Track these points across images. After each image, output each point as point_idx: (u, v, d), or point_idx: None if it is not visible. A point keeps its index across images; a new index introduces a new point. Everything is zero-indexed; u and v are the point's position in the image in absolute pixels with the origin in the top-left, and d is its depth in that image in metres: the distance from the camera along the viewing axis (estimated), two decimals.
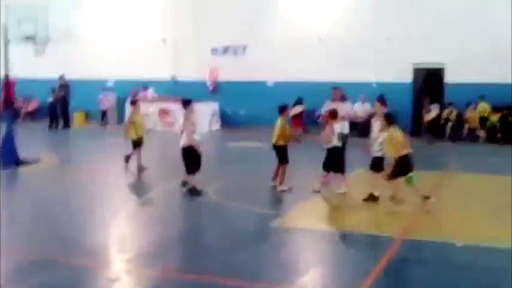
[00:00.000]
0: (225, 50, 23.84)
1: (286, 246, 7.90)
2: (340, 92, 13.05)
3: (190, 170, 10.72)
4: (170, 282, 6.44)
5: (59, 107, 23.20)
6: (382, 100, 11.05)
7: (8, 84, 15.36)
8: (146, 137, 13.58)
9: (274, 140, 11.21)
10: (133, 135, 13.37)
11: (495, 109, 18.87)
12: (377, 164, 10.26)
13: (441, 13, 19.82)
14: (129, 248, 7.67)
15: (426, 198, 9.53)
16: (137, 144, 13.37)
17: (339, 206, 9.90)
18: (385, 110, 10.70)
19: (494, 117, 18.80)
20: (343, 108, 12.11)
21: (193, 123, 11.04)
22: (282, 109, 11.55)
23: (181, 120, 11.32)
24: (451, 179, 12.83)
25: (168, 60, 24.38)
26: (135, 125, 13.46)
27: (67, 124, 23.11)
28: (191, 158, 10.71)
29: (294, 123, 17.86)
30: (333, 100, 12.68)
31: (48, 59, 24.40)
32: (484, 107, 19.03)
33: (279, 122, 11.27)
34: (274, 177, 11.24)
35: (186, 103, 11.26)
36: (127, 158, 13.56)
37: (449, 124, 19.42)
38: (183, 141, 10.78)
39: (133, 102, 14.32)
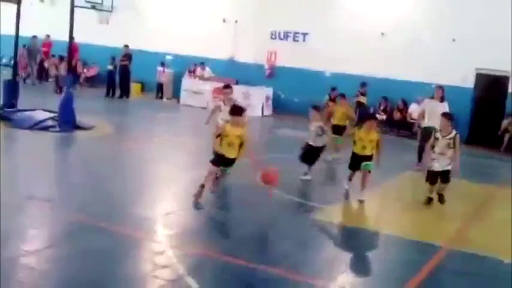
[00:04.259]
0: (285, 35, 23.76)
1: (325, 240, 7.86)
2: (442, 91, 13.52)
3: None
4: (211, 262, 6.50)
5: (117, 76, 23.61)
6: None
7: (72, 48, 15.66)
8: (204, 115, 13.31)
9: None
10: None
11: None
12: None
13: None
14: (176, 224, 7.78)
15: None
16: None
17: (384, 207, 9.75)
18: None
19: None
20: (441, 108, 12.30)
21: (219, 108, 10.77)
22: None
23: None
24: (502, 192, 12.49)
25: (227, 41, 24.47)
26: None
27: (126, 94, 23.43)
28: None
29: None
30: (432, 98, 13.49)
31: (111, 28, 24.83)
32: None
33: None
34: None
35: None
36: None
37: (507, 135, 18.89)
38: None
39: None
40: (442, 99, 13.38)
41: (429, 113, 13.17)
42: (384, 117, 20.72)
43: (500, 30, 19.08)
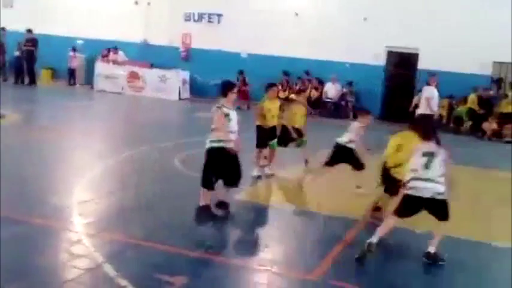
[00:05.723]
0: (199, 17, 23.53)
1: (247, 220, 7.89)
2: (436, 78, 14.99)
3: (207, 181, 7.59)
4: (130, 249, 6.38)
5: (24, 62, 22.59)
6: None
7: None
8: (119, 100, 13.14)
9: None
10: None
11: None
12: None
13: None
14: (93, 212, 7.58)
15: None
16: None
17: (301, 184, 9.90)
18: None
19: (463, 108, 19.03)
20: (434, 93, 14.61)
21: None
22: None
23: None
24: None
25: (140, 23, 23.95)
26: None
27: (33, 81, 22.47)
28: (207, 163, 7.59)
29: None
30: (428, 85, 14.86)
31: (17, 12, 23.71)
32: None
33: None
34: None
35: (225, 87, 7.78)
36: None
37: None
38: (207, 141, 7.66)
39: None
40: (436, 85, 14.88)
41: (432, 99, 14.61)
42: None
43: (410, 9, 19.72)
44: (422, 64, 20.10)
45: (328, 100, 20.94)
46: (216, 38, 22.63)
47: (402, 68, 20.83)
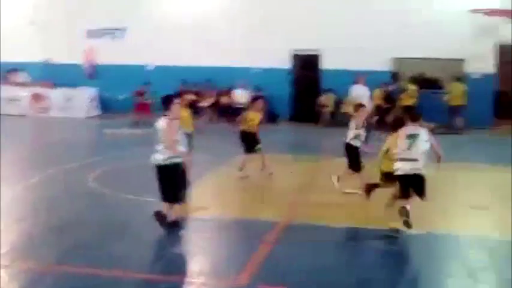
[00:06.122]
0: (102, 33, 23.05)
1: (168, 234, 7.80)
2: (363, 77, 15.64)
3: (171, 196, 7.65)
4: (49, 275, 6.16)
5: None
6: None
7: None
8: (21, 124, 12.60)
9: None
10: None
11: None
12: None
13: None
14: (3, 242, 7.24)
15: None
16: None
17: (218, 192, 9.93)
18: None
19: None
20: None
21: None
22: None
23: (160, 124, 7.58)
24: (324, 162, 13.20)
25: (40, 43, 23.13)
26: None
27: None
28: (173, 178, 7.60)
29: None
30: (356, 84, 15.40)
31: None
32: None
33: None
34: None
35: (167, 100, 7.66)
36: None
37: (327, 110, 20.05)
38: (162, 155, 7.53)
39: None
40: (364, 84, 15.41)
41: (359, 98, 14.40)
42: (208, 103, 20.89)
43: (309, 11, 20.24)
44: (325, 65, 20.65)
45: (239, 106, 21.02)
46: (120, 52, 22.18)
47: (307, 70, 21.31)
